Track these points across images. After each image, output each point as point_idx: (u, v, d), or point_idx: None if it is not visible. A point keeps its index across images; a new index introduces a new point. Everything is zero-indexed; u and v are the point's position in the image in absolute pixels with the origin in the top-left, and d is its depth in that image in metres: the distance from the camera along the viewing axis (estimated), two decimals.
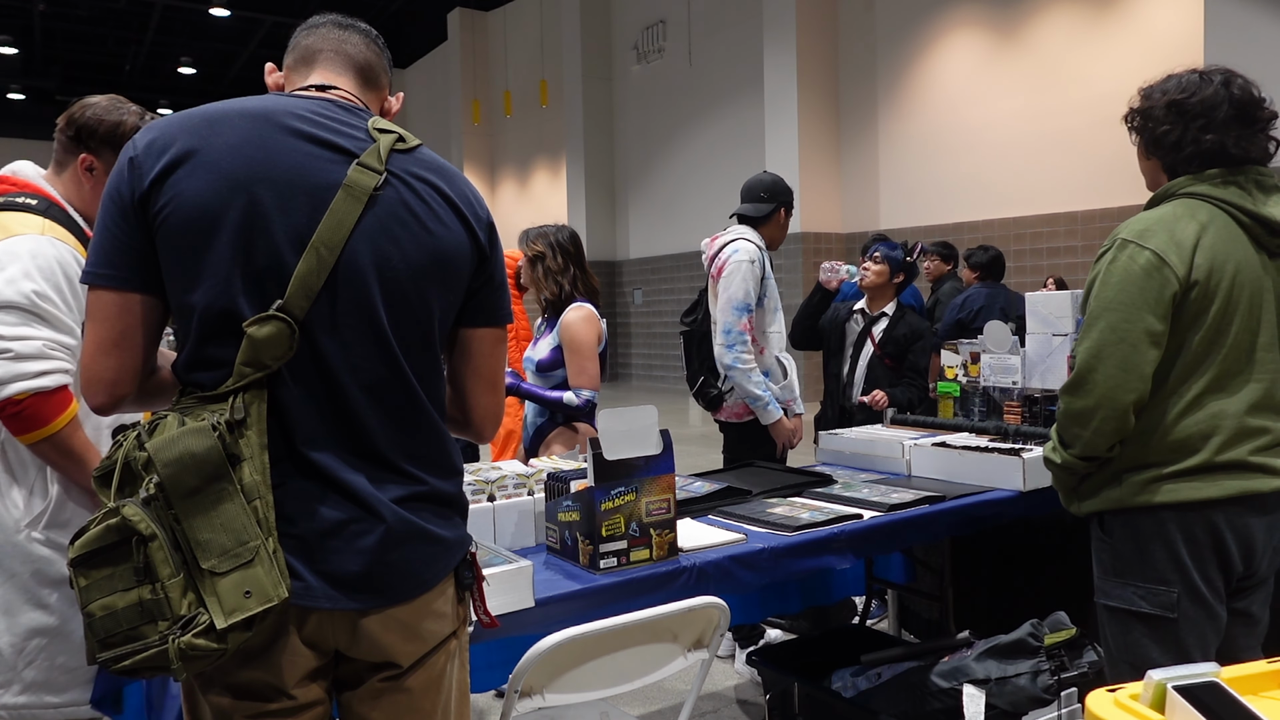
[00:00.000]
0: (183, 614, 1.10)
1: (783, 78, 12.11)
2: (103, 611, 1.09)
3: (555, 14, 17.25)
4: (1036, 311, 3.00)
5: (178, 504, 1.11)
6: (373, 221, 1.24)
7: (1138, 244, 1.80)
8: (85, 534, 1.11)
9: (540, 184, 19.15)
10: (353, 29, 1.43)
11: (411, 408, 1.30)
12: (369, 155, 1.26)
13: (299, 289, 1.19)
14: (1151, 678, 1.02)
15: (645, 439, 1.92)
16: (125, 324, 1.22)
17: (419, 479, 1.30)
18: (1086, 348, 1.82)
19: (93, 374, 1.22)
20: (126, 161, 1.21)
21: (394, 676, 1.31)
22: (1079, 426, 1.84)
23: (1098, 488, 1.90)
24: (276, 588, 1.14)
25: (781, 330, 3.52)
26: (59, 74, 21.09)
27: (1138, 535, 1.84)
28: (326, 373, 1.23)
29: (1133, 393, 1.78)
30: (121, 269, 1.21)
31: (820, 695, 2.44)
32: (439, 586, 1.32)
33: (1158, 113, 1.88)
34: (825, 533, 2.13)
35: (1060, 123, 9.83)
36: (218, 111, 1.25)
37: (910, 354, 3.66)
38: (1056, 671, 2.09)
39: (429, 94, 22.16)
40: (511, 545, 2.05)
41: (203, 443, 1.12)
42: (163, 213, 1.19)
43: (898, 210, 11.53)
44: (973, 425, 3.08)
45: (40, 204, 1.92)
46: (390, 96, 1.49)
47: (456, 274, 1.33)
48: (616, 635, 1.65)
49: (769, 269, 3.45)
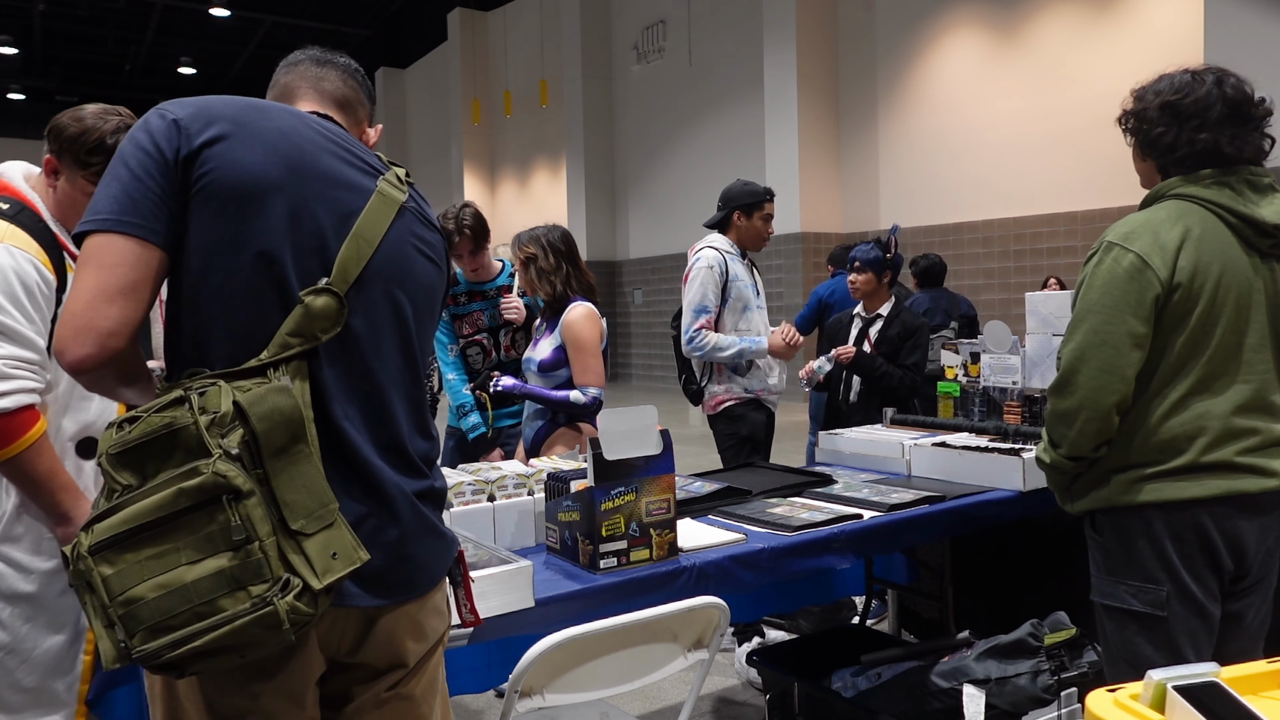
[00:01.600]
0: (280, 575, 1.04)
1: (783, 78, 12.10)
2: (159, 591, 1.00)
3: (555, 14, 17.25)
4: (1036, 311, 3.00)
5: (268, 461, 1.06)
6: (400, 231, 1.30)
7: (1122, 246, 1.82)
8: (119, 512, 1.02)
9: (540, 184, 19.15)
10: (330, 65, 1.45)
11: (420, 404, 1.35)
12: (391, 175, 1.33)
13: (341, 272, 1.21)
14: (1151, 678, 1.02)
15: (645, 439, 1.92)
16: (139, 275, 1.14)
17: (426, 475, 1.33)
18: (1070, 349, 1.84)
19: (86, 321, 1.11)
20: (169, 122, 1.18)
21: (398, 682, 1.31)
22: (1064, 426, 1.86)
23: (1088, 487, 1.91)
24: (358, 549, 1.12)
25: (755, 328, 3.59)
26: (59, 74, 21.10)
27: (1126, 534, 1.85)
28: (359, 358, 1.25)
29: (1115, 394, 1.80)
30: (150, 220, 1.15)
31: (820, 695, 2.44)
32: (440, 583, 1.35)
33: (1151, 114, 1.88)
34: (825, 533, 2.13)
35: (1060, 123, 9.83)
36: (259, 101, 1.29)
37: (903, 350, 3.67)
38: (1056, 671, 2.09)
39: (429, 94, 22.16)
40: (511, 545, 2.05)
41: (288, 401, 1.10)
42: (208, 174, 1.17)
43: (898, 210, 11.52)
44: (973, 425, 3.08)
45: (12, 208, 1.82)
46: (370, 128, 1.50)
47: (439, 302, 1.43)
48: (616, 635, 1.65)
49: (738, 272, 3.56)
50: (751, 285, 3.63)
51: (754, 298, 3.62)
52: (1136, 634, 1.85)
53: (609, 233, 16.55)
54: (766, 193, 3.61)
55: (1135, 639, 1.85)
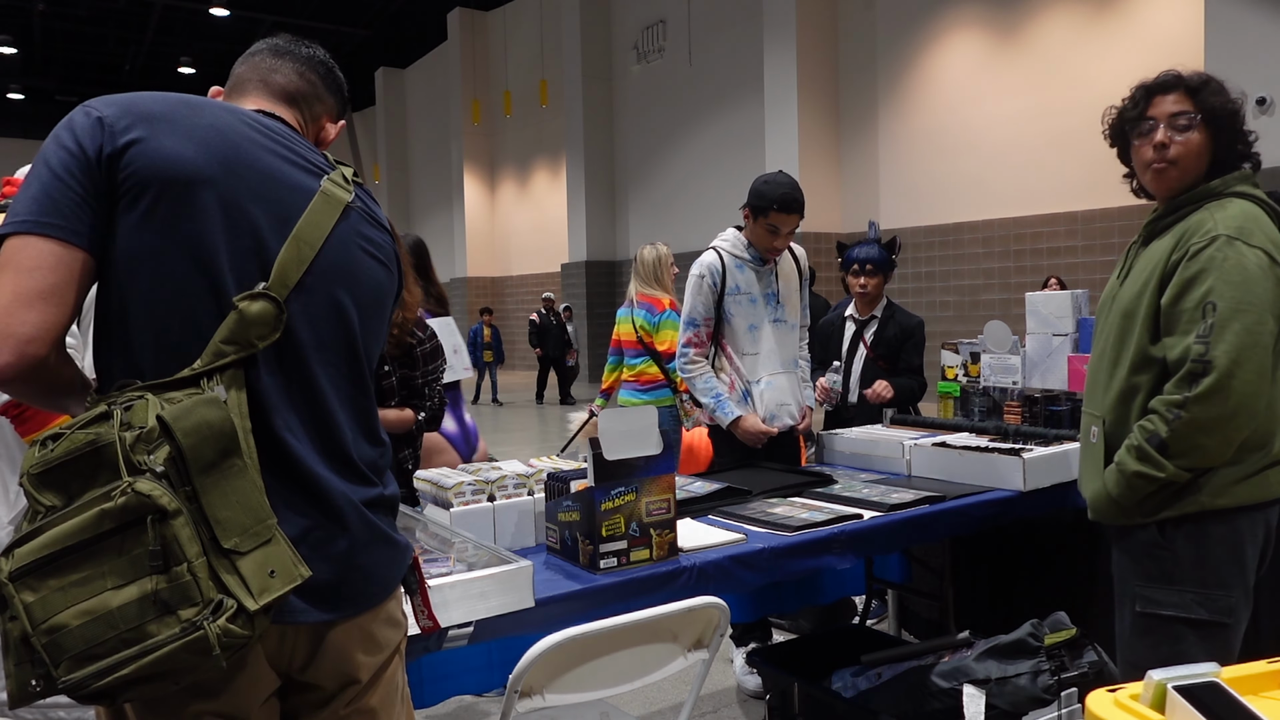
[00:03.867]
0: (212, 598, 0.99)
1: (783, 78, 12.10)
2: (83, 618, 0.95)
3: (555, 14, 17.25)
4: (1037, 311, 3.00)
5: (196, 478, 1.01)
6: (345, 232, 1.25)
7: (1245, 242, 1.72)
8: (41, 535, 0.97)
9: (540, 184, 19.14)
10: (288, 56, 1.37)
11: (369, 413, 1.31)
12: (337, 175, 1.28)
13: (280, 275, 1.16)
14: (1151, 678, 1.01)
15: (645, 439, 1.92)
16: (60, 278, 1.07)
17: (373, 482, 1.29)
18: (1224, 351, 1.69)
19: (1, 328, 1.04)
20: (93, 120, 1.11)
21: (354, 699, 1.26)
22: (1206, 435, 1.72)
23: (1175, 496, 1.79)
24: (298, 566, 1.08)
25: (764, 353, 3.12)
26: (59, 74, 21.12)
27: (1205, 539, 1.77)
28: (301, 364, 1.20)
29: (1264, 398, 1.72)
30: (71, 221, 1.08)
31: (820, 695, 2.44)
32: (394, 592, 1.32)
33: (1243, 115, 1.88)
34: (825, 533, 2.13)
35: (1060, 123, 9.83)
36: (193, 97, 1.21)
37: (904, 352, 3.64)
38: (1056, 671, 2.09)
39: (429, 94, 22.16)
40: (511, 545, 2.05)
41: (217, 413, 1.05)
42: (133, 172, 1.10)
43: (898, 210, 11.52)
44: (973, 425, 3.08)
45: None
46: (331, 123, 1.42)
47: (389, 305, 1.37)
48: (616, 635, 1.65)
49: (741, 282, 3.10)
50: (768, 296, 3.14)
51: (770, 311, 3.14)
52: (1195, 644, 1.76)
53: (609, 233, 16.55)
54: (776, 203, 2.99)
55: (1192, 649, 1.76)
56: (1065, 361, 2.90)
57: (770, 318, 3.15)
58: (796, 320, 3.25)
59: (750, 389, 3.13)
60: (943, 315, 10.99)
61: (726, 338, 3.13)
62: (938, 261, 11.23)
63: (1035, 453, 2.54)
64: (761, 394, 3.12)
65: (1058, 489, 2.53)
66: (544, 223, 18.92)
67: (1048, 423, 2.93)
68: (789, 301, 3.20)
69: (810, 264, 3.62)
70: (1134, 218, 8.77)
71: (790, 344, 3.22)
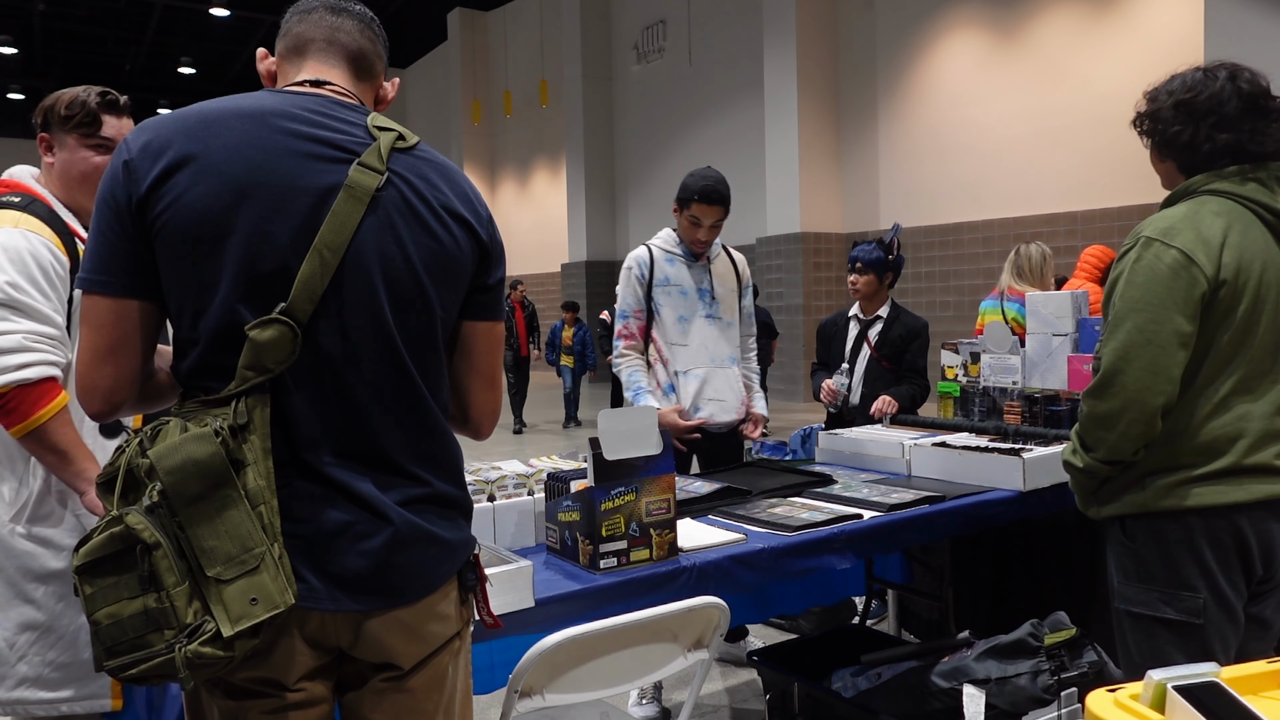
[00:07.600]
0: (189, 622, 1.09)
1: (783, 78, 12.11)
2: (109, 620, 1.08)
3: (555, 14, 17.25)
4: (1037, 311, 3.00)
5: (181, 511, 1.10)
6: (376, 222, 1.24)
7: (1163, 242, 1.75)
8: (88, 542, 1.10)
9: (540, 184, 19.15)
10: (346, 14, 1.37)
11: (418, 409, 1.29)
12: (369, 155, 1.24)
13: (302, 292, 1.18)
14: (1151, 678, 1.01)
15: (645, 439, 1.92)
16: (121, 331, 1.20)
17: (424, 481, 1.29)
18: (1113, 349, 1.77)
19: (89, 382, 1.21)
20: (121, 165, 1.19)
21: (396, 677, 1.31)
22: (1104, 430, 1.79)
23: (1120, 491, 1.85)
24: (283, 594, 1.14)
25: (693, 346, 3.12)
26: (59, 74, 21.10)
27: (1162, 540, 1.80)
28: (333, 375, 1.22)
29: (1161, 395, 1.74)
30: (117, 274, 1.19)
31: (820, 695, 2.44)
32: (443, 589, 1.32)
33: (1166, 114, 1.85)
34: (825, 533, 2.13)
35: (1060, 123, 9.83)
36: (213, 112, 1.22)
37: (908, 354, 3.63)
38: (1056, 671, 2.09)
39: (429, 94, 22.16)
40: (511, 545, 2.05)
41: (205, 449, 1.11)
42: (162, 218, 1.17)
43: (898, 210, 11.52)
44: (973, 425, 3.08)
45: (22, 200, 1.94)
46: (386, 83, 1.44)
47: (459, 272, 1.32)
48: (616, 635, 1.65)
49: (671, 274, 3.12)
50: (701, 291, 3.15)
51: (703, 306, 3.14)
52: (1168, 642, 1.80)
53: (609, 232, 16.55)
54: (698, 194, 3.00)
55: (1166, 647, 1.80)
56: (1065, 362, 2.90)
57: (703, 313, 3.15)
58: (734, 320, 3.24)
59: (675, 381, 3.13)
60: (943, 315, 10.99)
61: (655, 328, 3.14)
62: (938, 261, 11.23)
63: (1035, 453, 2.54)
64: (686, 385, 3.12)
65: (1057, 489, 2.53)
66: (544, 223, 18.93)
67: (1047, 423, 2.93)
68: (724, 301, 3.20)
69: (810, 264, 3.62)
70: (1134, 218, 8.77)
71: (725, 342, 3.19)
